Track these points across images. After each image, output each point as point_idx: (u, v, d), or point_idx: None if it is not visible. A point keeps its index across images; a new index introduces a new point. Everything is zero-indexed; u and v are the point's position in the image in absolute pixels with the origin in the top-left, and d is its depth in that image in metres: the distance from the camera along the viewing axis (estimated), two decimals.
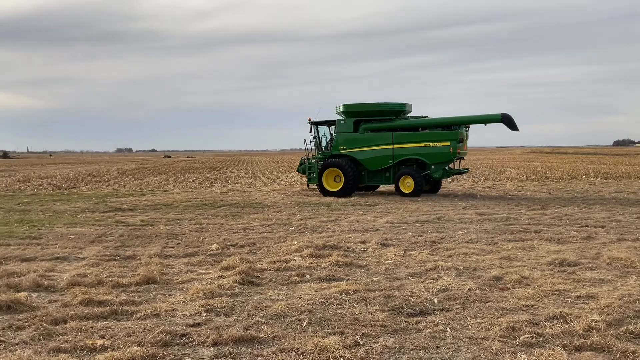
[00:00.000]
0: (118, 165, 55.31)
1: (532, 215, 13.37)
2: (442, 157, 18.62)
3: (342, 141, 19.49)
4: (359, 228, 11.70)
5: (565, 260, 8.01)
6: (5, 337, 5.07)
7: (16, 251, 9.30)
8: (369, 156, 19.15)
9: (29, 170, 45.58)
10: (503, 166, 40.34)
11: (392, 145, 18.95)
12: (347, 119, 19.62)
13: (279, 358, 4.47)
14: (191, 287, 6.75)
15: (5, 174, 38.60)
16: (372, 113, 19.46)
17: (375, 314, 5.63)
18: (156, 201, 18.06)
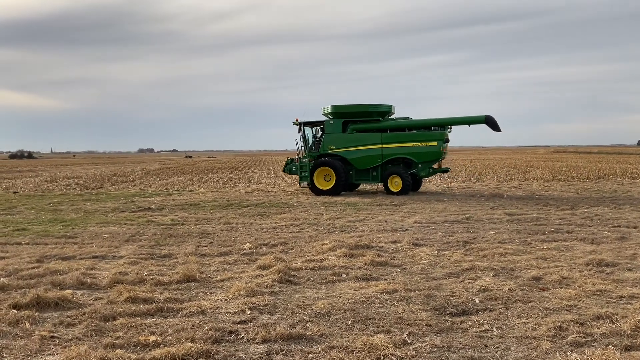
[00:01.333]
0: (142, 166, 55.92)
1: (562, 216, 13.26)
2: (429, 157, 19.55)
3: (331, 141, 20.10)
4: (388, 228, 11.71)
5: (602, 261, 7.95)
6: (58, 333, 5.20)
7: (54, 250, 9.49)
8: (358, 156, 19.92)
9: (55, 171, 46.32)
10: (527, 166, 39.97)
11: (381, 145, 19.71)
12: (335, 119, 20.28)
13: (331, 356, 4.52)
14: (231, 285, 6.84)
15: (32, 175, 39.30)
16: (360, 114, 20.21)
17: (419, 314, 5.65)
18: (183, 201, 18.26)
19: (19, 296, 6.32)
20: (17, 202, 18.71)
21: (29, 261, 8.46)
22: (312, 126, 21.00)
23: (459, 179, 27.40)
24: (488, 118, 19.35)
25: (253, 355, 4.65)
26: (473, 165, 41.82)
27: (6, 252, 9.30)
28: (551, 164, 42.02)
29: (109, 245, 9.99)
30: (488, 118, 19.35)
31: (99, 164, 66.45)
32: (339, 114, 20.17)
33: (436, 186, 23.45)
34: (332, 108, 20.15)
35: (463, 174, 31.57)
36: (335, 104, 20.14)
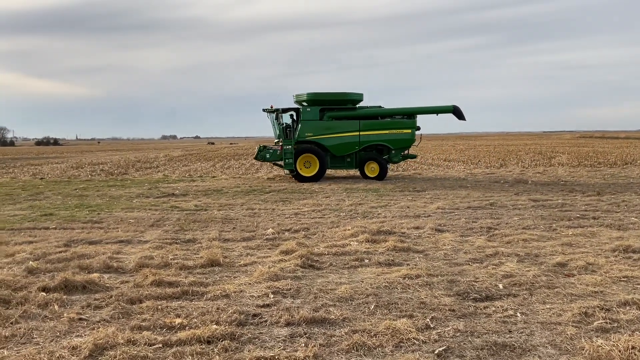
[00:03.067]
0: (165, 152, 56.49)
1: (589, 202, 13.06)
2: (404, 143, 20.65)
3: (308, 128, 20.31)
4: (411, 214, 11.67)
5: (629, 247, 7.82)
6: (86, 315, 5.31)
7: (81, 234, 9.66)
8: (335, 142, 20.36)
9: (80, 157, 47.05)
10: (553, 151, 39.39)
11: (358, 132, 20.39)
12: (312, 107, 20.45)
13: (353, 339, 4.54)
14: (254, 269, 6.90)
15: (58, 161, 39.97)
16: (337, 102, 20.62)
17: (442, 299, 5.65)
18: (206, 187, 18.42)
19: (47, 279, 6.47)
20: (44, 187, 19.08)
21: (56, 245, 8.64)
22: (284, 113, 21.03)
23: (482, 165, 27.14)
24: (455, 108, 20.51)
25: (277, 337, 4.70)
26: (497, 151, 41.34)
27: (34, 237, 9.51)
28: (577, 150, 41.34)
29: (134, 230, 10.14)
30: (455, 108, 20.51)
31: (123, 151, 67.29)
32: (317, 102, 20.46)
33: (459, 172, 23.26)
34: (310, 95, 20.43)
35: (486, 159, 31.25)
36: (313, 92, 20.46)
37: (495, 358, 4.27)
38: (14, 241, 9.09)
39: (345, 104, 20.64)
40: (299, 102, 20.84)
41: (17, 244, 8.77)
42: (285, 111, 20.85)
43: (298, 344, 4.55)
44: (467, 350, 4.39)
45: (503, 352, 4.36)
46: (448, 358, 4.28)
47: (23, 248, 8.35)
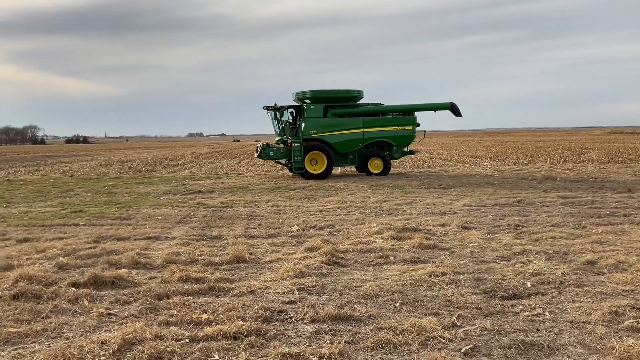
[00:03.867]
0: (191, 150, 57.09)
1: (619, 199, 12.79)
2: (405, 140, 21.01)
3: (313, 126, 20.31)
4: (436, 211, 11.58)
5: None
6: (115, 311, 5.40)
7: (110, 231, 9.83)
8: (340, 140, 20.53)
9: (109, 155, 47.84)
10: (582, 147, 38.68)
11: (362, 129, 20.54)
12: (316, 104, 20.45)
13: (379, 337, 4.53)
14: (280, 266, 6.93)
15: (88, 159, 40.72)
16: (340, 99, 20.76)
17: (468, 297, 5.59)
18: (232, 184, 18.56)
19: (77, 275, 6.60)
20: (73, 185, 19.45)
21: (86, 241, 8.80)
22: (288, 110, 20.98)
23: (509, 162, 26.79)
24: (452, 105, 21.06)
25: (302, 334, 4.71)
26: (525, 148, 40.75)
27: (65, 233, 9.70)
28: (607, 146, 40.51)
29: (161, 226, 10.27)
30: (452, 105, 21.06)
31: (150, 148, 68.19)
32: (321, 99, 20.50)
33: (486, 169, 23.00)
34: (314, 93, 20.45)
35: (514, 156, 30.83)
36: (318, 89, 20.48)
37: (523, 357, 4.21)
38: (44, 237, 9.29)
39: (348, 101, 20.84)
40: (301, 99, 20.79)
41: (48, 240, 8.96)
42: (291, 109, 20.78)
43: (323, 340, 4.55)
44: (494, 349, 4.34)
45: (531, 351, 4.30)
46: (475, 356, 4.23)
47: (54, 244, 8.53)
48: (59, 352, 4.29)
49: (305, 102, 20.63)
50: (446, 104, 21.14)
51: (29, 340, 4.69)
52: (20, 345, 4.58)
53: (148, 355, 4.25)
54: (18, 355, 4.35)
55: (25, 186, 19.37)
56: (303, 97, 20.69)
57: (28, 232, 9.84)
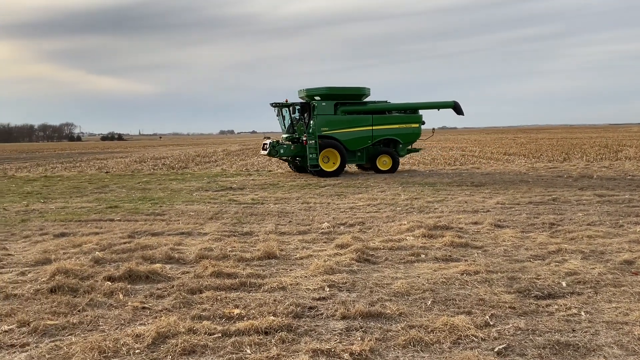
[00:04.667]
0: (223, 147, 57.66)
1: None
2: (412, 137, 21.25)
3: (324, 123, 20.16)
4: (468, 209, 11.44)
5: None
6: (149, 304, 5.50)
7: (144, 226, 10.00)
8: (350, 137, 20.47)
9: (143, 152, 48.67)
10: (619, 144, 37.71)
11: (371, 126, 20.64)
12: (327, 101, 20.34)
13: (410, 335, 4.50)
14: (310, 263, 6.95)
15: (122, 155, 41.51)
16: (350, 96, 20.75)
17: (502, 296, 5.51)
18: (262, 181, 18.69)
19: (112, 269, 6.73)
20: (109, 181, 19.87)
21: (121, 236, 8.97)
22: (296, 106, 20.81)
23: (544, 159, 26.30)
24: (455, 103, 21.30)
25: (333, 330, 4.71)
26: (560, 145, 39.94)
27: (100, 228, 9.91)
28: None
29: (194, 222, 10.40)
30: (455, 103, 21.30)
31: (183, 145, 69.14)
32: (331, 96, 20.41)
33: (520, 166, 22.63)
34: (326, 90, 20.35)
35: (549, 153, 30.25)
36: (329, 86, 20.41)
37: (558, 357, 4.13)
38: (81, 232, 9.51)
39: (357, 98, 20.94)
40: (309, 96, 20.65)
41: (84, 235, 9.17)
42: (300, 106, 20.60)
43: (354, 337, 4.55)
44: (529, 348, 4.27)
45: (566, 351, 4.22)
46: (508, 356, 4.17)
47: (90, 239, 8.72)
48: (95, 344, 4.38)
49: (315, 99, 20.49)
50: (449, 103, 21.33)
51: (66, 332, 4.81)
52: (58, 337, 4.70)
53: (181, 349, 4.31)
54: (55, 347, 4.46)
55: (62, 182, 19.87)
56: (312, 94, 20.56)
57: (65, 227, 10.09)
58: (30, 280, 6.39)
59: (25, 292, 5.90)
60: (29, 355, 4.33)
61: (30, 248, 8.34)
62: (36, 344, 4.57)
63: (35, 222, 10.83)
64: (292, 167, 22.29)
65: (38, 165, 31.21)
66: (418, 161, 27.00)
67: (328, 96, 20.44)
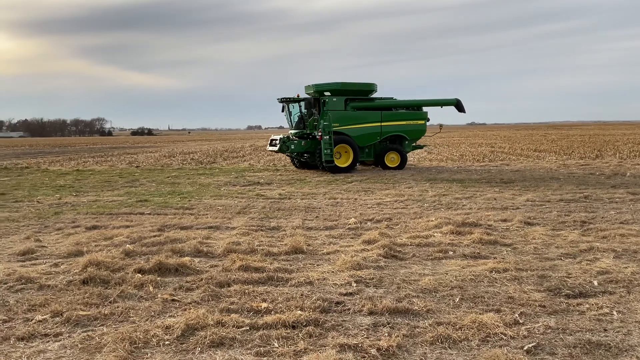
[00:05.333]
0: (250, 142, 58.01)
1: None
2: (418, 134, 21.34)
3: (336, 118, 19.95)
4: (497, 206, 11.30)
5: None
6: (179, 297, 5.57)
7: (173, 220, 10.13)
8: (360, 133, 20.36)
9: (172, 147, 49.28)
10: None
11: (380, 123, 20.60)
12: (338, 97, 20.18)
13: (438, 331, 4.47)
14: (337, 258, 6.96)
15: (152, 150, 42.10)
16: (360, 92, 20.65)
17: (531, 294, 5.44)
18: (289, 176, 18.76)
19: (143, 262, 6.84)
20: (139, 175, 20.18)
21: (151, 230, 9.11)
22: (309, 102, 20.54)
23: (576, 156, 25.80)
24: (458, 101, 21.49)
25: (360, 326, 4.71)
26: (592, 141, 39.12)
27: (131, 221, 10.07)
28: None
29: (222, 216, 10.50)
30: (458, 101, 21.49)
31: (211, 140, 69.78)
32: (342, 92, 20.27)
33: (550, 163, 22.25)
34: (337, 85, 20.20)
35: (581, 150, 29.67)
36: (340, 81, 20.29)
37: (589, 357, 4.06)
38: (112, 225, 9.69)
39: (367, 94, 20.90)
40: (319, 91, 20.37)
41: (115, 228, 9.34)
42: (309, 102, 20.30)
43: (381, 333, 4.54)
44: (559, 347, 4.21)
45: (597, 351, 4.14)
46: (538, 355, 4.12)
47: (120, 232, 8.88)
48: (126, 335, 4.47)
49: (325, 94, 20.28)
50: (452, 100, 21.50)
51: (98, 323, 4.91)
52: (90, 328, 4.80)
53: (210, 341, 4.37)
54: (87, 337, 4.56)
55: (93, 176, 20.26)
56: (321, 90, 20.33)
57: (96, 220, 10.28)
58: (63, 272, 6.54)
59: (58, 283, 6.04)
60: (62, 345, 4.43)
61: (63, 240, 8.53)
62: (69, 333, 4.67)
63: (68, 214, 11.07)
64: (295, 164, 21.98)
65: (70, 159, 31.88)
66: (446, 157, 26.77)
67: (339, 92, 20.30)
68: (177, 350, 4.27)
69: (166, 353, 4.23)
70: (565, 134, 61.11)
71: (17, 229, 9.52)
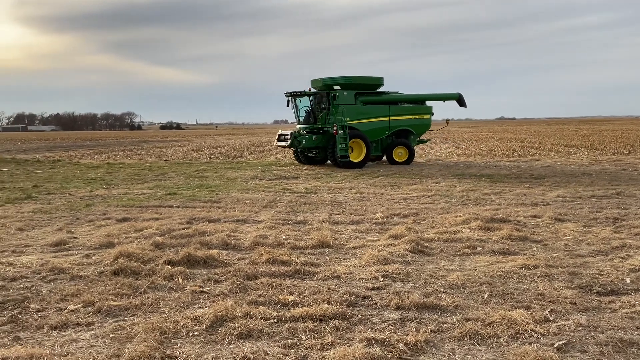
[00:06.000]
0: None
1: None
2: (424, 128, 21.46)
3: (347, 113, 19.66)
4: (527, 202, 11.14)
5: None
6: (207, 289, 5.64)
7: (202, 213, 10.24)
8: (370, 127, 20.11)
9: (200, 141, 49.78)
10: None
11: (389, 117, 20.51)
12: (348, 91, 19.90)
13: (466, 327, 4.43)
14: (364, 252, 6.95)
15: (180, 144, 42.59)
16: (369, 86, 20.47)
17: (562, 291, 5.35)
18: (316, 170, 18.77)
19: (172, 253, 6.93)
20: (168, 168, 20.45)
21: (179, 222, 9.23)
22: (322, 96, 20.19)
23: (608, 152, 25.25)
24: (460, 95, 21.47)
25: (387, 320, 4.70)
26: (625, 137, 38.25)
27: (160, 214, 10.22)
28: None
29: (249, 210, 10.58)
30: (460, 95, 21.47)
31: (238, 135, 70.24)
32: (352, 86, 20.04)
33: (582, 159, 21.83)
34: (348, 79, 19.94)
35: (613, 145, 29.03)
36: (351, 75, 20.06)
37: (621, 355, 3.99)
38: (142, 217, 9.84)
39: (375, 88, 20.77)
40: (328, 85, 20.07)
41: (145, 220, 9.48)
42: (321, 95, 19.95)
43: (409, 328, 4.52)
44: (590, 345, 4.14)
45: (630, 349, 4.06)
46: (568, 352, 4.05)
47: (150, 224, 9.01)
48: (156, 325, 4.54)
49: (335, 88, 19.99)
50: (454, 95, 21.48)
51: (129, 313, 5.00)
52: (121, 318, 4.89)
53: (238, 333, 4.41)
54: (119, 327, 4.64)
55: (123, 169, 20.59)
56: (331, 83, 20.04)
57: (127, 212, 10.46)
58: (94, 263, 6.67)
59: (90, 274, 6.17)
60: (94, 334, 4.52)
61: (94, 232, 8.69)
62: (100, 323, 4.77)
63: (99, 207, 11.27)
64: (300, 159, 21.41)
65: (101, 153, 32.45)
66: (474, 152, 26.48)
67: (349, 85, 20.07)
68: (206, 341, 4.33)
69: (195, 344, 4.28)
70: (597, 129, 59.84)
71: (50, 221, 9.73)
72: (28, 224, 9.43)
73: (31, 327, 4.68)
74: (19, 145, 48.00)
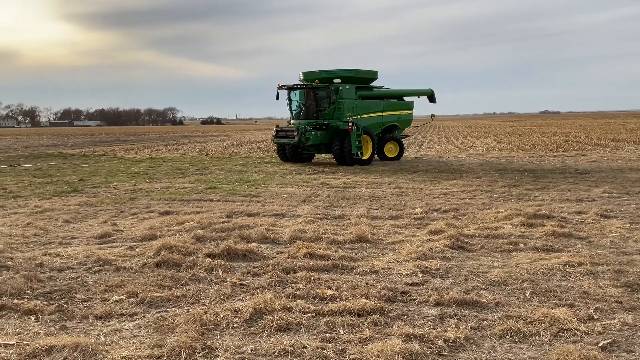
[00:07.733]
0: None
1: None
2: (407, 124, 21.51)
3: (348, 108, 19.07)
4: (572, 197, 10.85)
5: None
6: (246, 281, 5.70)
7: (241, 207, 10.35)
8: (368, 123, 19.52)
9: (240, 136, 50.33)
10: None
11: (382, 112, 20.24)
12: (350, 85, 19.24)
13: (507, 325, 4.35)
14: (402, 248, 6.90)
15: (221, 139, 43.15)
16: (364, 80, 19.90)
17: (607, 289, 5.20)
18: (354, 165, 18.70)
19: (212, 247, 7.04)
20: (208, 163, 20.75)
21: (220, 216, 9.35)
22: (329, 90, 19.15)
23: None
24: (432, 92, 21.62)
25: (426, 316, 4.66)
26: None
27: (201, 208, 10.38)
28: None
29: (287, 204, 10.64)
30: (432, 92, 21.62)
31: None
32: (354, 79, 19.47)
33: (629, 153, 21.12)
34: (350, 72, 19.23)
35: None
36: (353, 68, 19.40)
37: None
38: (183, 211, 10.01)
39: (369, 82, 20.34)
40: (328, 78, 18.95)
41: (187, 214, 9.65)
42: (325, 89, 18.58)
43: (448, 324, 4.47)
44: (636, 345, 4.01)
45: None
46: (614, 352, 3.94)
47: (191, 217, 9.17)
48: (197, 316, 4.62)
49: (334, 82, 19.03)
50: (427, 90, 21.62)
51: (170, 304, 5.10)
52: (163, 309, 4.99)
53: (277, 325, 4.45)
54: (161, 318, 4.74)
55: (165, 163, 21.00)
56: (330, 76, 19.00)
57: (169, 206, 10.66)
58: (138, 255, 6.83)
59: (133, 266, 6.32)
60: (137, 324, 4.63)
61: (137, 224, 8.89)
62: (143, 314, 4.88)
63: (142, 200, 11.53)
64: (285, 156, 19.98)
65: (144, 148, 33.17)
66: (517, 147, 25.94)
67: (350, 79, 19.24)
68: (246, 333, 4.38)
69: (235, 335, 4.34)
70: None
71: (95, 214, 10.01)
72: (74, 216, 9.72)
73: (77, 317, 4.82)
74: (65, 140, 49.51)
